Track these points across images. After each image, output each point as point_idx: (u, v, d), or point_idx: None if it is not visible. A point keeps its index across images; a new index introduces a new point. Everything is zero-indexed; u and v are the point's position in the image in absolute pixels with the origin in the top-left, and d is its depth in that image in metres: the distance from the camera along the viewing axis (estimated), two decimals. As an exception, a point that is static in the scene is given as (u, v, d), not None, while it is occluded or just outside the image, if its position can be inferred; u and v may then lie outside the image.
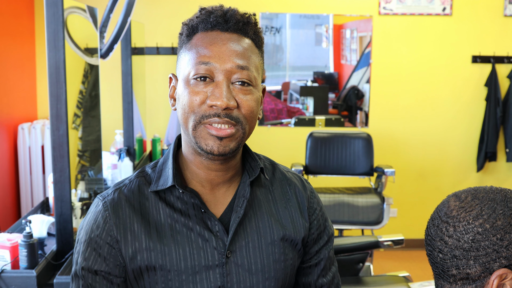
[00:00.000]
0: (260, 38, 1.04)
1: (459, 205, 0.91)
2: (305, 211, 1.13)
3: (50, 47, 1.85)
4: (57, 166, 1.90)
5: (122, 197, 1.05)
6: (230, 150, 0.98)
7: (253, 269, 1.05)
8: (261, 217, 1.08)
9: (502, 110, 4.14)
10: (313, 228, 1.14)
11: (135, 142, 3.58)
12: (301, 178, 1.19)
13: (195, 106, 0.97)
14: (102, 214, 1.03)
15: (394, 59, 4.18)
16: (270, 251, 1.07)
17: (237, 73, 0.98)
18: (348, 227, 3.36)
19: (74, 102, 2.26)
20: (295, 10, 4.10)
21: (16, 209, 3.57)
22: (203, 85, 0.97)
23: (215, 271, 1.02)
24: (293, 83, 4.20)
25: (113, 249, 1.02)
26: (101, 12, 2.96)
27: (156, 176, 1.06)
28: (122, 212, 1.03)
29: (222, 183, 1.06)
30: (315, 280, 1.16)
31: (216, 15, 1.00)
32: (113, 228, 1.02)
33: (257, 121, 1.05)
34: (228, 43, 0.98)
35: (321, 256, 1.16)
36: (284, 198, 1.13)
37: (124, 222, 1.03)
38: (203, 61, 0.97)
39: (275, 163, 1.18)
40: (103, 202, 1.05)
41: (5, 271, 1.76)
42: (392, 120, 4.24)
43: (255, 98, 1.00)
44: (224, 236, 1.03)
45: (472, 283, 0.90)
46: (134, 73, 3.56)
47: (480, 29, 4.14)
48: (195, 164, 1.04)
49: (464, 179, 4.32)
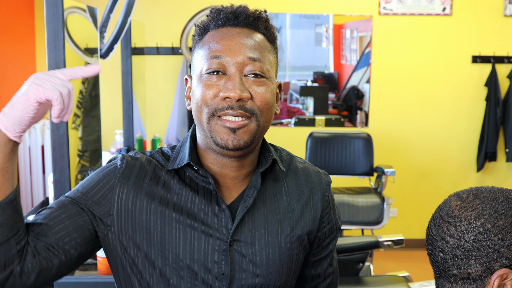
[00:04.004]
0: (272, 33, 1.04)
1: (461, 205, 0.91)
2: (319, 205, 1.12)
3: (50, 47, 1.85)
4: (57, 166, 1.90)
5: (142, 159, 1.04)
6: (244, 143, 0.97)
7: (258, 261, 1.04)
8: (270, 210, 1.07)
9: (502, 110, 4.14)
10: (324, 222, 1.14)
11: (135, 142, 3.58)
12: (319, 170, 1.17)
13: (208, 99, 0.97)
14: (114, 163, 1.04)
15: (394, 59, 4.17)
16: (276, 245, 1.06)
17: (249, 65, 0.97)
18: (348, 227, 3.36)
19: (74, 102, 2.26)
20: (295, 10, 4.10)
21: (16, 209, 3.56)
22: (216, 79, 0.97)
23: (214, 254, 1.01)
24: (293, 83, 4.20)
25: (111, 192, 1.01)
26: (101, 12, 2.96)
27: (174, 156, 1.06)
28: (136, 169, 1.03)
29: (237, 178, 1.05)
30: (324, 270, 1.18)
31: (226, 12, 1.01)
32: (120, 180, 1.01)
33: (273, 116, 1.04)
34: (238, 37, 0.99)
35: (330, 247, 1.18)
36: (297, 191, 1.11)
37: (138, 175, 1.02)
38: (215, 56, 0.97)
39: (292, 155, 1.17)
40: (121, 156, 1.05)
41: (5, 271, 1.76)
42: (392, 120, 4.23)
43: (270, 89, 1.00)
44: (229, 223, 1.02)
45: (473, 283, 0.90)
46: (134, 73, 3.56)
47: (480, 29, 4.14)
48: (209, 160, 1.04)
49: (464, 179, 4.32)
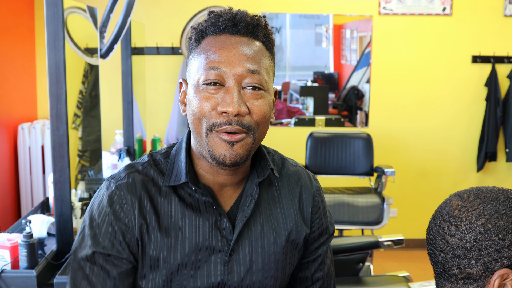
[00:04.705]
0: (270, 41, 1.02)
1: (462, 205, 0.91)
2: (309, 209, 1.13)
3: (50, 47, 1.85)
4: (57, 166, 1.90)
5: (137, 180, 1.02)
6: (241, 158, 0.96)
7: (254, 268, 1.05)
8: (265, 217, 1.08)
9: (502, 110, 4.14)
10: (315, 226, 1.14)
11: (135, 142, 3.58)
12: (309, 174, 1.18)
13: (206, 112, 0.95)
14: (118, 196, 1.01)
15: (394, 59, 4.17)
16: (272, 251, 1.07)
17: (248, 78, 0.96)
18: (348, 227, 3.35)
19: (74, 102, 2.26)
20: (295, 10, 4.10)
21: (16, 209, 3.57)
22: (213, 90, 0.95)
23: (217, 268, 1.03)
24: (293, 83, 4.20)
25: (129, 233, 1.00)
26: (101, 12, 2.96)
27: (169, 169, 1.04)
28: (137, 196, 1.01)
29: (230, 185, 1.05)
30: (312, 274, 1.17)
31: (225, 18, 0.98)
32: (130, 211, 1.00)
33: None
34: (237, 47, 0.96)
35: (320, 252, 1.17)
36: (290, 195, 1.12)
37: (140, 205, 1.00)
38: (213, 66, 0.95)
39: (284, 157, 1.17)
40: (117, 185, 1.01)
41: (5, 271, 1.76)
42: (392, 120, 4.23)
43: (267, 102, 0.99)
44: (230, 235, 1.03)
45: (473, 283, 0.90)
46: (134, 73, 3.56)
47: (480, 29, 4.14)
48: (203, 168, 1.03)
49: (464, 179, 4.32)
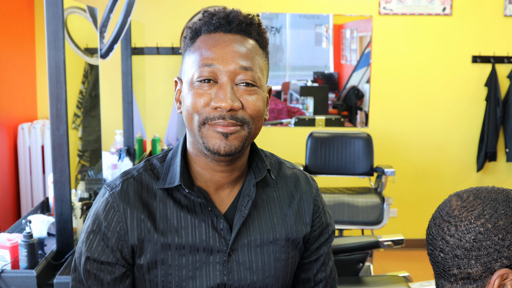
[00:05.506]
0: (264, 39, 1.04)
1: (461, 205, 0.91)
2: (310, 210, 1.13)
3: (50, 47, 1.85)
4: (57, 166, 1.90)
5: (131, 188, 1.04)
6: (235, 149, 0.98)
7: (254, 267, 1.05)
8: (264, 217, 1.08)
9: (502, 110, 4.14)
10: (315, 226, 1.15)
11: (135, 142, 3.58)
12: (307, 175, 1.18)
13: (199, 108, 0.97)
14: (111, 204, 1.03)
15: (394, 59, 4.17)
16: (271, 250, 1.07)
17: (241, 74, 0.97)
18: (348, 227, 3.35)
19: (74, 102, 2.26)
20: (295, 10, 4.10)
21: (16, 209, 3.57)
22: (207, 87, 0.97)
23: (216, 268, 1.03)
24: (293, 83, 4.20)
25: (121, 240, 1.01)
26: (101, 12, 2.96)
27: (164, 172, 1.05)
28: (130, 203, 1.02)
29: (227, 184, 1.06)
30: (314, 275, 1.17)
31: (219, 17, 0.99)
32: (121, 219, 1.01)
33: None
34: (231, 44, 0.98)
35: (321, 252, 1.17)
36: (288, 197, 1.12)
37: (132, 213, 1.02)
38: (207, 63, 0.97)
39: (281, 160, 1.18)
40: (111, 193, 1.04)
41: (5, 271, 1.76)
42: (392, 120, 4.23)
43: (261, 98, 1.00)
44: (228, 235, 1.03)
45: (473, 283, 0.90)
46: (134, 73, 3.56)
47: (480, 29, 4.14)
48: (200, 165, 1.04)
49: (464, 179, 4.31)
